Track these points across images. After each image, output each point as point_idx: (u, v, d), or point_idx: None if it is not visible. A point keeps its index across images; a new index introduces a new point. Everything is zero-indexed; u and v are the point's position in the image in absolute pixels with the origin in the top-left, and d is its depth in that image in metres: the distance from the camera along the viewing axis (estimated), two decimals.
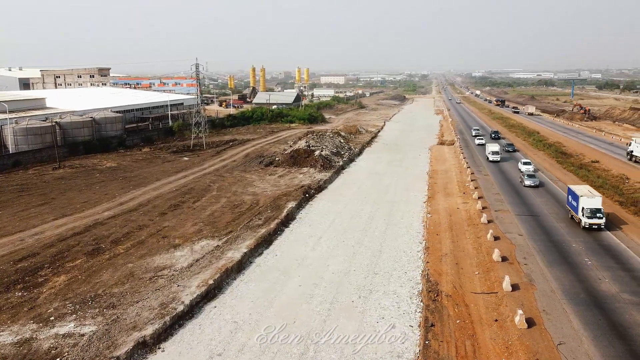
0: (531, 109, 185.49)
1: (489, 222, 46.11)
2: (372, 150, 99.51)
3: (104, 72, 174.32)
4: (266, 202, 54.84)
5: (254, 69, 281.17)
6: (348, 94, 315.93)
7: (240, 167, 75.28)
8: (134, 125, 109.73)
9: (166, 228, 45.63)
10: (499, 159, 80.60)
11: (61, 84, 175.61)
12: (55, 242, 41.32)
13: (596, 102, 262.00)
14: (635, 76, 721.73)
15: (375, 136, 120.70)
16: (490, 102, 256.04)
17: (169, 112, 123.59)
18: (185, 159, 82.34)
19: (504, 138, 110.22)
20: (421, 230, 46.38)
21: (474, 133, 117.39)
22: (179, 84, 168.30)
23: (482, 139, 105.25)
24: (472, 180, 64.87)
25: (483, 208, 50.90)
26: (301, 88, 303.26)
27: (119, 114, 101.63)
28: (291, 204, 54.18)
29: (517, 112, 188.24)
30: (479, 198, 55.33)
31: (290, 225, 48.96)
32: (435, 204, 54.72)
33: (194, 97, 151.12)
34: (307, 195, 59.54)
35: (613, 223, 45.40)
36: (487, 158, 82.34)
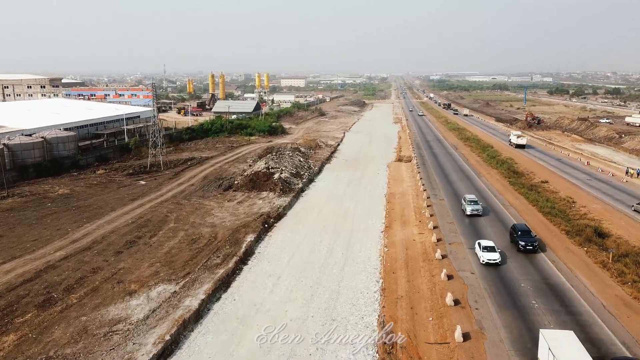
0: (466, 111, 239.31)
1: (443, 257, 47.42)
2: (331, 168, 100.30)
3: (55, 82, 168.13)
4: (225, 236, 54.57)
5: (213, 76, 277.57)
6: (309, 98, 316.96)
7: (199, 192, 74.49)
8: (88, 142, 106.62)
9: (121, 271, 44.79)
10: None
11: (9, 95, 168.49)
12: (4, 292, 39.90)
13: (547, 108, 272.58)
14: (583, 80, 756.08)
15: (334, 150, 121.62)
16: (440, 104, 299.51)
17: (125, 127, 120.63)
18: (142, 182, 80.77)
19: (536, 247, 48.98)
20: (378, 267, 47.26)
21: (468, 211, 61.21)
22: (135, 95, 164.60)
23: (493, 249, 46.27)
24: (428, 206, 66.42)
25: (438, 240, 52.29)
26: (261, 93, 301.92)
27: (71, 133, 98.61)
28: (250, 237, 54.15)
29: (457, 114, 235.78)
30: (434, 228, 56.77)
31: (249, 262, 48.93)
32: (393, 235, 55.80)
33: (151, 109, 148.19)
34: (266, 225, 59.61)
35: (561, 258, 47.61)
36: None
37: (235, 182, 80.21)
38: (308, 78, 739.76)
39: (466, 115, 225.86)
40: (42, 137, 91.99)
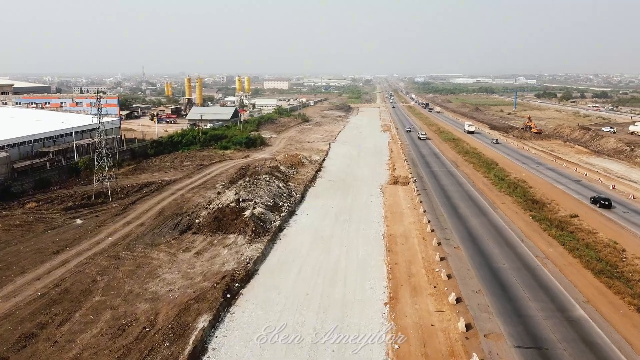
0: (438, 108, 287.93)
1: None
2: (316, 193, 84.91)
3: (5, 88, 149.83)
4: (167, 318, 38.86)
5: (189, 79, 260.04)
6: (292, 102, 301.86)
7: (148, 237, 58.46)
8: (28, 163, 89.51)
9: None
10: None
11: None
12: None
13: (539, 113, 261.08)
14: (566, 82, 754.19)
15: (319, 168, 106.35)
16: (420, 104, 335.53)
17: (74, 143, 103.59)
18: (79, 222, 64.29)
19: None
20: None
21: None
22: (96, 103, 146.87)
23: None
24: (441, 259, 51.49)
25: (467, 328, 37.23)
26: (242, 98, 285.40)
27: (2, 154, 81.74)
28: (203, 322, 38.55)
29: (431, 111, 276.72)
30: (457, 301, 41.77)
31: None
32: (401, 314, 40.55)
33: (114, 118, 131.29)
34: (228, 295, 44.02)
35: None
36: None
37: (197, 220, 64.34)
38: (292, 80, 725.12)
39: (438, 112, 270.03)
40: None
